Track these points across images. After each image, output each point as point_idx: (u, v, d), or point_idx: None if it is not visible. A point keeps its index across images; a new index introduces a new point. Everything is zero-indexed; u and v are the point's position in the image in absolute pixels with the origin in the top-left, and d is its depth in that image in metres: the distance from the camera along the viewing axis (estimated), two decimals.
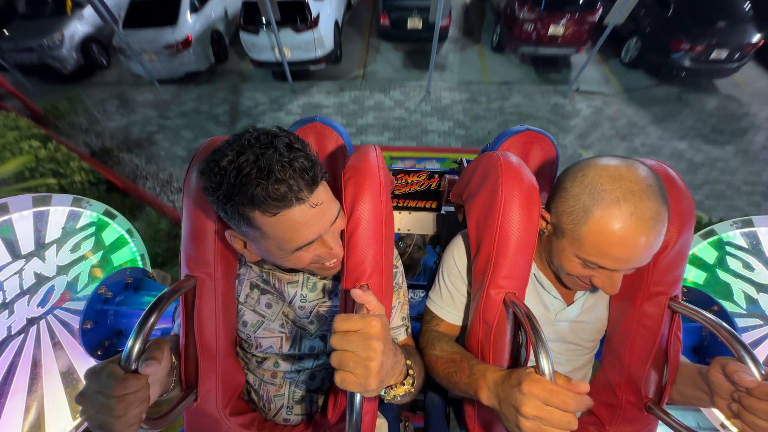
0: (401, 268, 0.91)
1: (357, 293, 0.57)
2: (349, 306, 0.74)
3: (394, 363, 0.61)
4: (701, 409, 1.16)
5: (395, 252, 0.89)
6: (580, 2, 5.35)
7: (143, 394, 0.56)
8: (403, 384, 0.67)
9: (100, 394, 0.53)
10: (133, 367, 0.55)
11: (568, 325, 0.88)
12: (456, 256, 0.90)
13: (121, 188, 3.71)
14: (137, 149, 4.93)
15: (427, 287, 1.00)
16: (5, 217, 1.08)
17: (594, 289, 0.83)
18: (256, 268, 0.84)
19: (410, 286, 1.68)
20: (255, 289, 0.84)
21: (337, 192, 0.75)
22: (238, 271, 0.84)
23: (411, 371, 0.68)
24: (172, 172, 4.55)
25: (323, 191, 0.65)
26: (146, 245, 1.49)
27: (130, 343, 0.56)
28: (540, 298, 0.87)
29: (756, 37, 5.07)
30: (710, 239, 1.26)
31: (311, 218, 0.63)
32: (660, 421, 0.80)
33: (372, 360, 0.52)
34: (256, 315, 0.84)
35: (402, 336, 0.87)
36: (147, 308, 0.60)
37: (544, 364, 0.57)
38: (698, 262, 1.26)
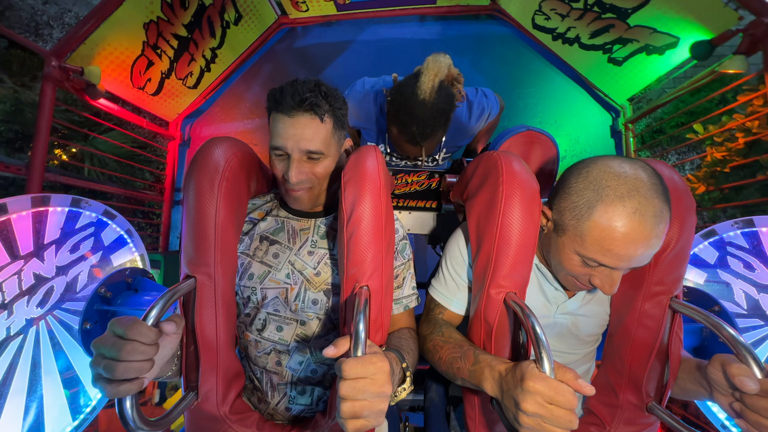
0: (408, 240, 0.95)
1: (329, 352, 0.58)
2: (348, 313, 0.73)
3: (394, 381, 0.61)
4: (700, 407, 1.16)
5: (401, 224, 0.95)
6: None
7: (152, 349, 0.57)
8: (404, 389, 0.67)
9: (113, 335, 0.55)
10: (150, 322, 0.59)
11: (569, 319, 0.88)
12: (460, 245, 0.91)
13: (26, 47, 2.50)
14: None
15: (429, 279, 1.01)
16: (4, 218, 1.07)
17: (592, 289, 0.83)
18: (270, 220, 0.92)
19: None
20: (264, 241, 0.91)
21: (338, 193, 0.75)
22: (246, 230, 0.92)
23: (408, 373, 0.68)
24: (77, 12, 3.31)
25: (312, 123, 0.80)
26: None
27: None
28: (541, 288, 0.87)
29: None
30: (711, 239, 1.26)
31: (284, 129, 0.79)
32: (660, 421, 0.80)
33: (383, 403, 0.54)
34: (263, 266, 0.88)
35: (413, 303, 0.94)
36: (148, 309, 0.60)
37: (545, 364, 0.57)
38: (699, 262, 1.25)
